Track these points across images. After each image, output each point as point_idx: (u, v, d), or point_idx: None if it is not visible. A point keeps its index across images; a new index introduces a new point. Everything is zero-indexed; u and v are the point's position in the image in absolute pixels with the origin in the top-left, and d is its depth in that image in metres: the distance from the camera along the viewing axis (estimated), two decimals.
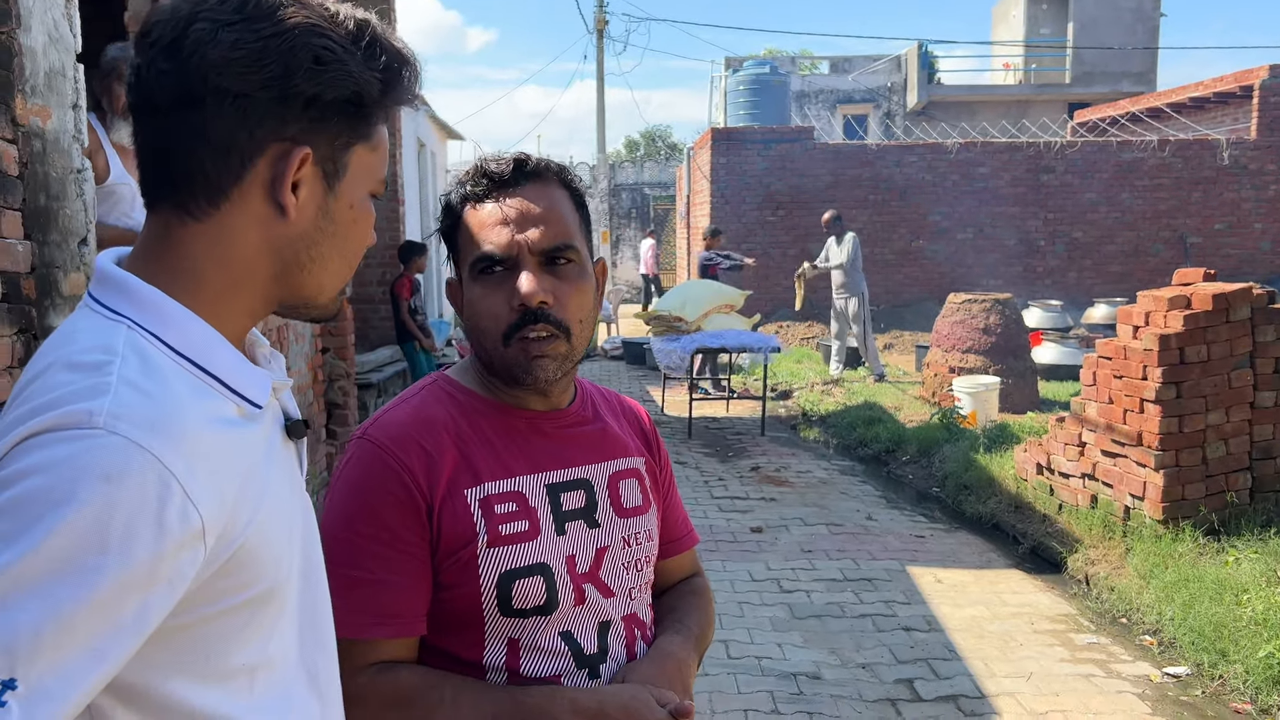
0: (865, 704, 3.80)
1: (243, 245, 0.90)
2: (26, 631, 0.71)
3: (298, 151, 0.89)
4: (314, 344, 6.45)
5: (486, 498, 1.23)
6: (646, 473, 1.41)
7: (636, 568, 1.34)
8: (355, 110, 0.92)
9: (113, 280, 0.88)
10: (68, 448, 0.74)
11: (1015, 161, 15.40)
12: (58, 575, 0.72)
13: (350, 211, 0.95)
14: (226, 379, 0.89)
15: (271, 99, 0.87)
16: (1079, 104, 22.45)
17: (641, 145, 42.57)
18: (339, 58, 0.89)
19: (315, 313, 1.00)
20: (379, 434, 1.24)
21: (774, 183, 15.34)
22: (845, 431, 8.74)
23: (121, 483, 0.75)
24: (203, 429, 0.83)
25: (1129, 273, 15.22)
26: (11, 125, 2.52)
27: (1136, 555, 4.96)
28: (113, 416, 0.76)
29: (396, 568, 1.18)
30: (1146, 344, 5.14)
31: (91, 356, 0.81)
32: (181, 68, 0.86)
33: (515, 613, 1.22)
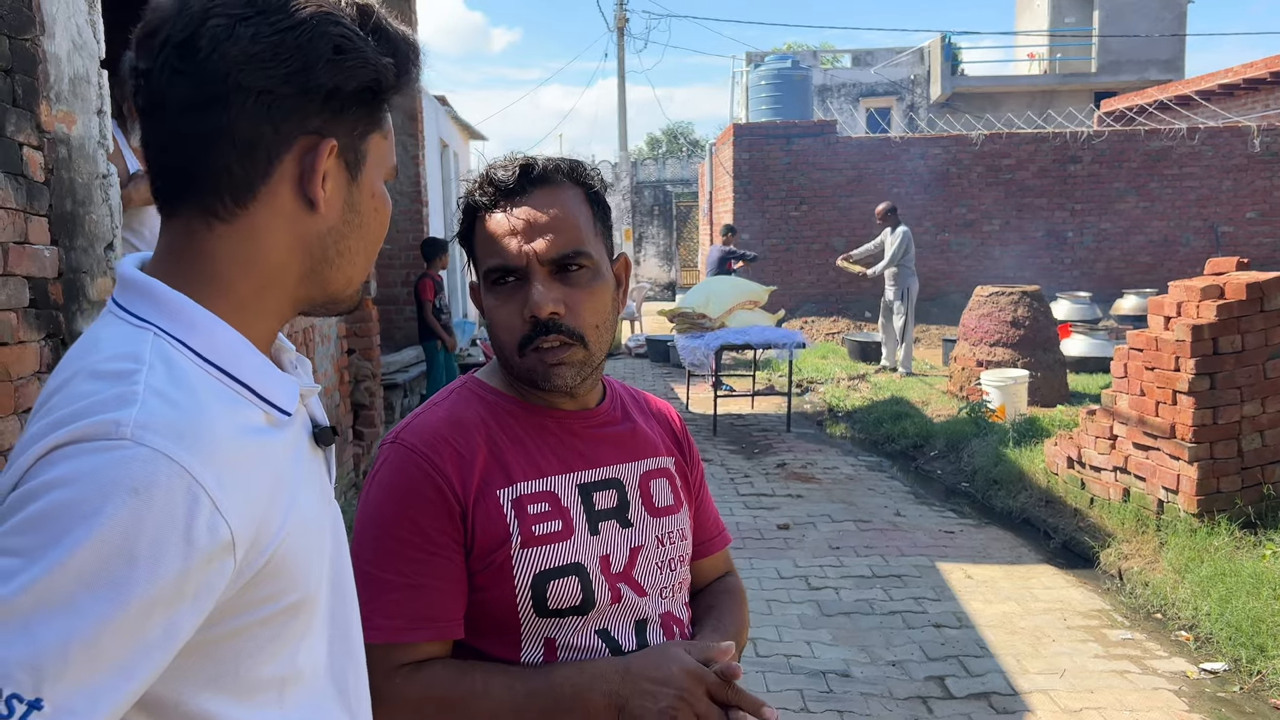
0: (896, 701, 3.76)
1: (272, 245, 0.89)
2: (53, 649, 0.69)
3: (326, 144, 0.87)
4: (340, 345, 6.48)
5: (519, 498, 1.22)
6: (677, 472, 1.41)
7: (670, 567, 1.34)
8: (372, 98, 0.91)
9: (137, 286, 0.87)
10: (94, 460, 0.73)
11: (1041, 152, 15.23)
12: (85, 591, 0.70)
13: (372, 200, 0.95)
14: (255, 386, 0.87)
15: (295, 93, 0.85)
16: (1106, 93, 22.17)
17: (664, 142, 42.55)
18: (356, 46, 0.87)
19: (341, 307, 0.99)
20: (411, 438, 1.23)
21: (797, 177, 15.27)
22: (872, 427, 8.68)
23: (149, 495, 0.73)
24: (231, 438, 0.81)
25: (1159, 263, 15.03)
26: (37, 131, 2.54)
27: (1171, 549, 4.89)
28: (140, 427, 0.75)
29: (432, 571, 1.18)
30: (1179, 335, 5.06)
31: (118, 365, 0.80)
32: (199, 68, 0.83)
33: (551, 613, 1.21)
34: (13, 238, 2.40)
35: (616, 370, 13.27)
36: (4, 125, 2.38)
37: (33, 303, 2.49)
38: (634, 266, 23.58)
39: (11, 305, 2.40)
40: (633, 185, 25.06)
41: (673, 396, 11.04)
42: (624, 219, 23.51)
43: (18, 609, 0.68)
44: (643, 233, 26.31)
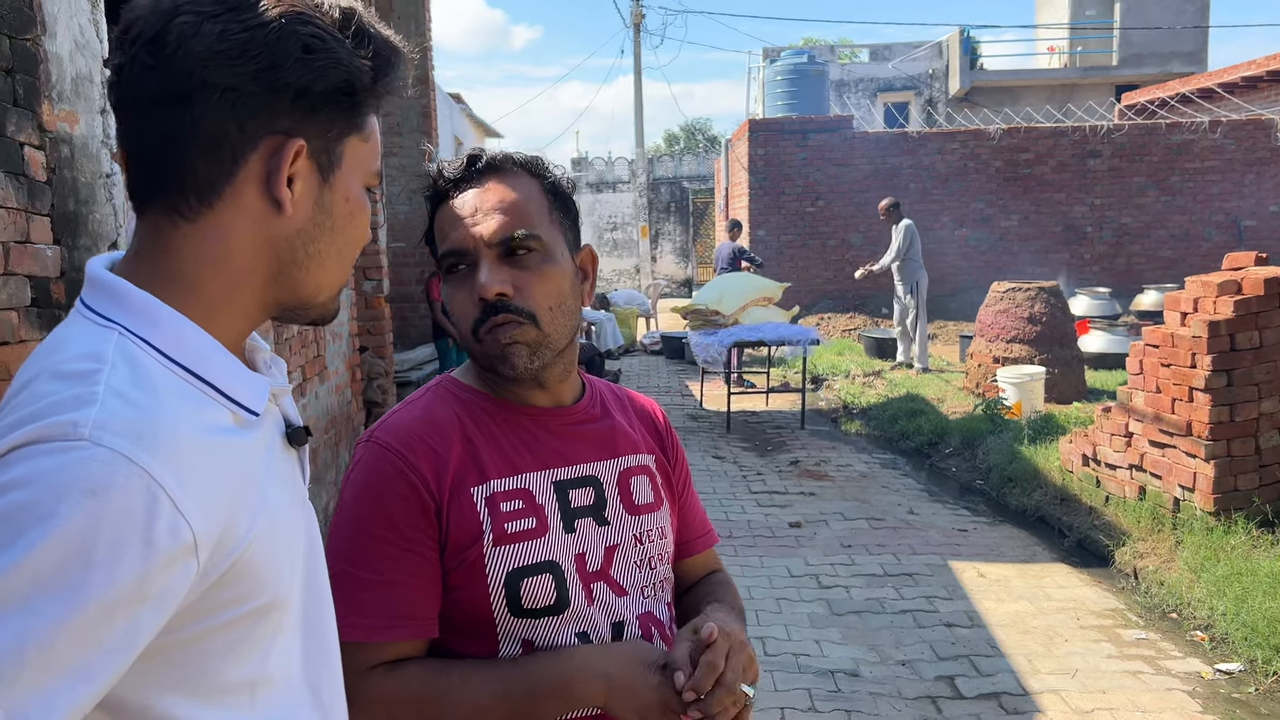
0: (905, 701, 3.73)
1: (238, 244, 0.87)
2: (8, 652, 0.68)
3: (292, 144, 0.86)
4: (352, 343, 6.50)
5: (492, 495, 1.21)
6: (658, 470, 1.39)
7: (650, 565, 1.32)
8: (347, 100, 0.89)
9: (103, 285, 0.86)
10: (51, 460, 0.72)
11: (1061, 146, 15.10)
12: (41, 593, 0.69)
13: (346, 204, 0.93)
14: (222, 386, 0.86)
15: (261, 91, 0.84)
16: (1127, 86, 21.95)
17: (681, 139, 42.50)
18: (328, 46, 0.86)
19: (314, 314, 0.97)
20: (386, 436, 1.23)
21: (813, 173, 15.20)
22: (887, 424, 8.63)
23: (107, 497, 0.72)
24: (194, 438, 0.80)
25: (1180, 258, 14.87)
26: (39, 131, 2.55)
27: (1187, 548, 4.83)
28: (99, 428, 0.73)
29: (407, 569, 1.17)
30: (1195, 331, 4.99)
31: (79, 365, 0.79)
32: (166, 63, 0.82)
33: (526, 613, 1.20)
34: (14, 237, 2.41)
35: (632, 367, 13.27)
36: (5, 125, 2.39)
37: (34, 301, 2.50)
38: (650, 263, 23.62)
39: (13, 304, 2.41)
40: (649, 182, 25.04)
41: (686, 394, 11.02)
42: (640, 216, 23.50)
43: None
44: (659, 229, 26.28)
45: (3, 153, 2.38)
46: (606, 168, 26.54)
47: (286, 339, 4.82)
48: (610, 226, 26.40)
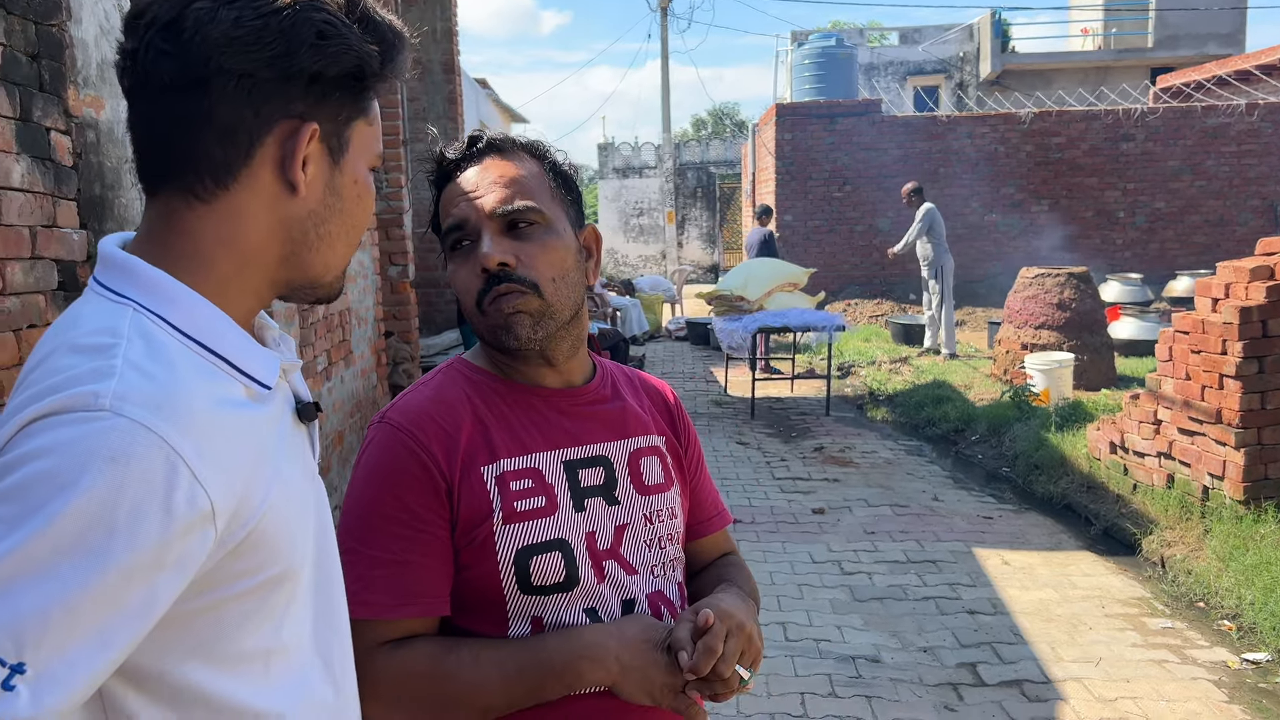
0: (926, 688, 3.72)
1: (252, 226, 0.90)
2: (33, 616, 0.70)
3: (307, 128, 0.88)
4: (377, 328, 6.54)
5: (502, 474, 1.22)
6: (669, 451, 1.40)
7: (659, 545, 1.33)
8: (356, 85, 0.92)
9: (117, 264, 0.88)
10: (73, 430, 0.74)
11: (1093, 130, 14.87)
12: (64, 559, 0.72)
13: (355, 186, 0.96)
14: (234, 360, 0.88)
15: (276, 77, 0.86)
16: (1162, 69, 21.56)
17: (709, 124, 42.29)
18: (340, 32, 0.88)
19: (321, 292, 0.99)
20: (398, 417, 1.24)
21: (840, 158, 15.08)
22: (913, 411, 8.58)
23: (128, 465, 0.74)
24: (211, 410, 0.82)
25: (1215, 243, 14.63)
26: (64, 116, 2.58)
27: (1215, 537, 4.77)
28: (118, 398, 0.75)
29: (418, 548, 1.18)
30: (1226, 317, 4.91)
31: (96, 339, 0.81)
32: (182, 49, 0.84)
33: (536, 590, 1.21)
34: (41, 221, 2.44)
35: (657, 353, 13.26)
36: (31, 110, 2.42)
37: (61, 285, 2.54)
38: (676, 249, 23.56)
39: (40, 288, 2.45)
40: (676, 167, 24.95)
41: (711, 380, 11.01)
42: (667, 201, 23.42)
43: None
44: (685, 215, 26.21)
45: (29, 138, 2.41)
46: (633, 153, 26.47)
47: (312, 323, 4.86)
48: (636, 212, 26.35)
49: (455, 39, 9.18)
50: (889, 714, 3.53)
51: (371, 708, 1.16)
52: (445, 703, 1.17)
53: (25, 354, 2.37)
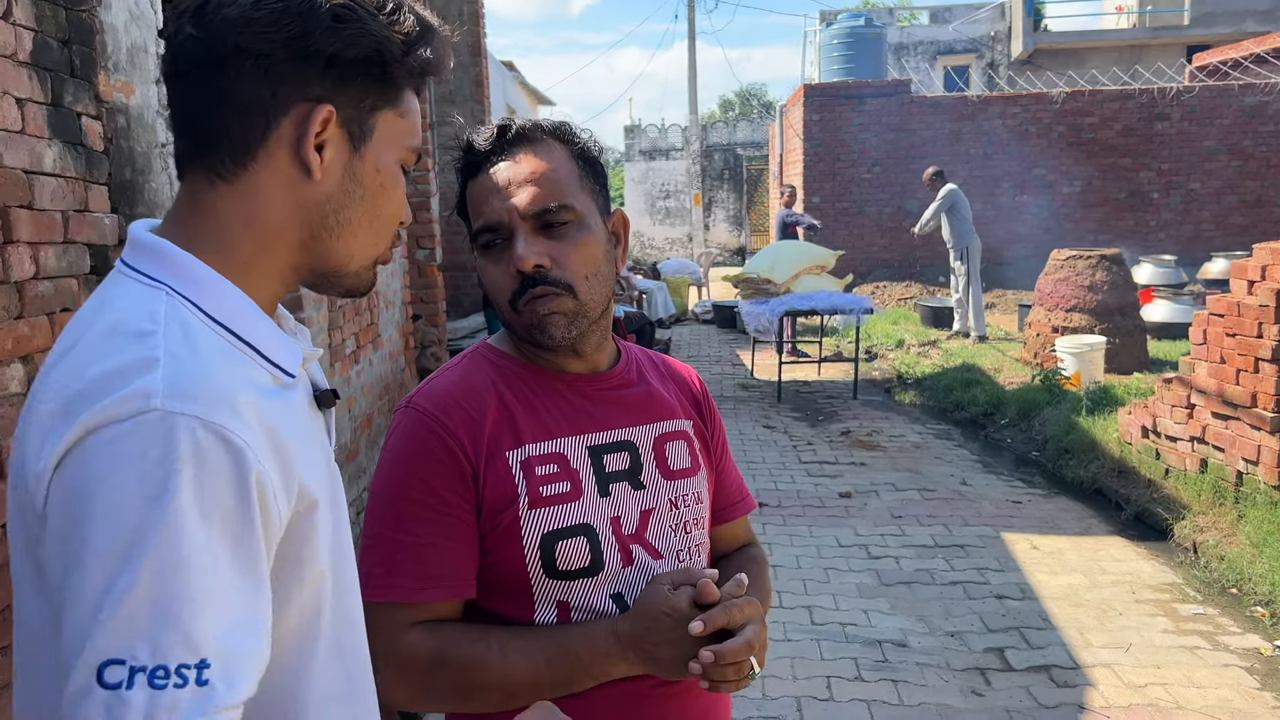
0: (953, 673, 3.71)
1: (271, 206, 0.91)
2: (184, 617, 0.73)
3: (320, 110, 0.89)
4: (405, 311, 6.57)
5: (527, 459, 1.23)
6: (695, 435, 1.40)
7: (685, 530, 1.33)
8: (378, 71, 0.92)
9: (147, 246, 0.89)
10: (138, 440, 0.75)
11: (1127, 110, 14.63)
12: (182, 560, 0.74)
13: (378, 175, 0.95)
14: (260, 347, 0.90)
15: (292, 57, 0.88)
16: (1199, 46, 21.13)
17: (736, 105, 42.02)
18: (358, 16, 0.89)
19: (347, 283, 0.99)
20: (424, 401, 1.24)
21: (869, 139, 14.94)
22: (942, 394, 8.52)
23: (201, 461, 0.76)
24: (250, 397, 0.83)
25: (1252, 224, 14.36)
26: (95, 101, 2.60)
27: (1249, 522, 4.71)
28: (170, 394, 0.77)
29: (444, 531, 1.19)
30: (1263, 299, 4.83)
31: (136, 325, 0.82)
32: (206, 30, 0.87)
33: (561, 574, 1.21)
34: (73, 206, 2.47)
35: (683, 336, 13.24)
36: (62, 95, 2.44)
37: (94, 269, 2.56)
38: (703, 232, 23.47)
39: (73, 272, 2.47)
40: (702, 149, 24.83)
41: (738, 363, 10.98)
42: (693, 183, 23.31)
43: (141, 597, 0.72)
44: (712, 197, 26.09)
45: (61, 123, 2.43)
46: (660, 135, 26.37)
47: (340, 306, 4.89)
48: (663, 194, 26.27)
49: (482, 21, 9.17)
50: (915, 698, 3.52)
51: (397, 692, 1.17)
52: (471, 690, 1.18)
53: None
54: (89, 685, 0.70)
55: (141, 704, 0.70)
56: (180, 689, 0.71)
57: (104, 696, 0.70)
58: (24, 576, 0.83)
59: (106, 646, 0.70)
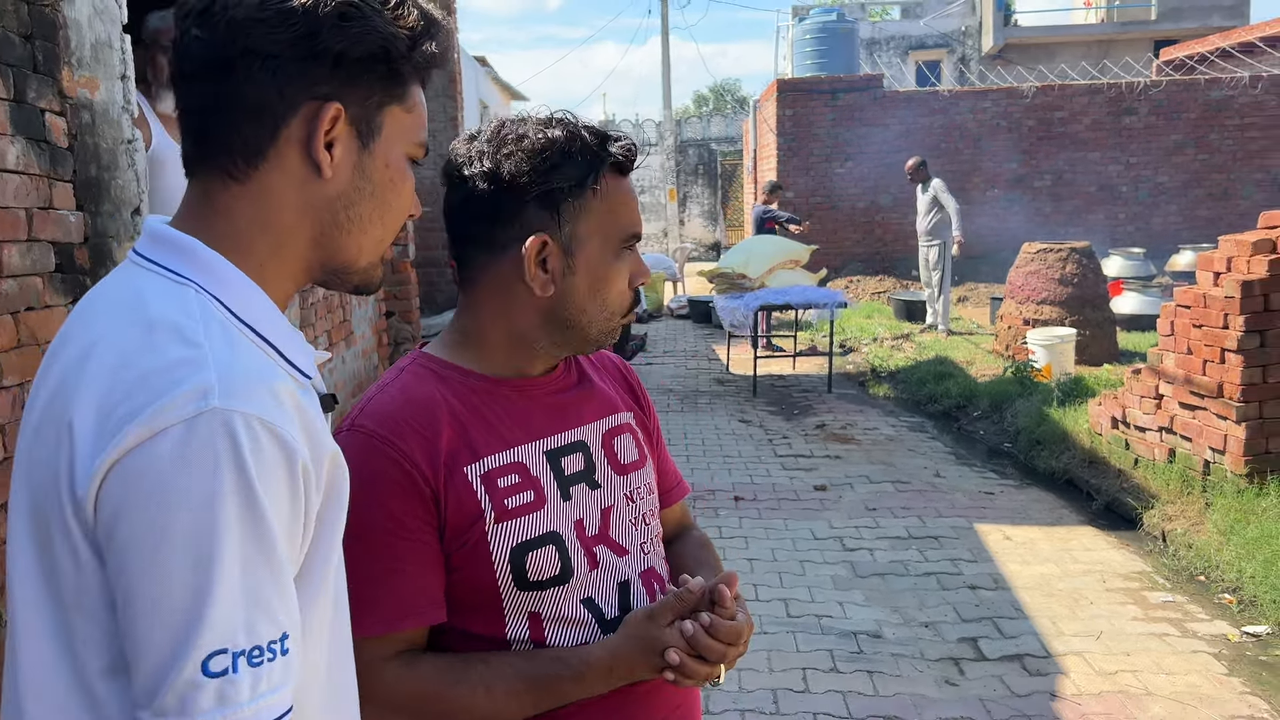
0: (927, 663, 3.74)
1: (282, 205, 0.92)
2: (263, 598, 0.78)
3: (329, 108, 0.90)
4: (378, 308, 6.54)
5: (488, 473, 1.20)
6: (638, 426, 1.40)
7: (644, 521, 1.34)
8: (384, 67, 0.93)
9: (172, 242, 0.90)
10: (202, 439, 0.77)
11: (1095, 104, 14.79)
12: (251, 555, 0.78)
13: (387, 171, 0.96)
14: (282, 348, 0.91)
15: (300, 57, 0.88)
16: (1166, 41, 21.39)
17: (710, 100, 42.07)
18: (364, 14, 0.90)
19: (357, 279, 1.00)
20: (370, 423, 1.18)
21: (842, 133, 15.01)
22: (915, 387, 8.58)
23: (261, 456, 0.78)
24: (289, 392, 0.86)
25: (1218, 217, 14.57)
26: (59, 98, 2.57)
27: (1217, 511, 4.78)
28: (224, 393, 0.78)
29: (411, 557, 1.15)
30: (1228, 291, 4.90)
31: (175, 321, 0.83)
32: (212, 32, 0.88)
33: (533, 585, 1.19)
34: (37, 203, 2.44)
35: (659, 331, 13.25)
36: (25, 91, 2.41)
37: (59, 267, 2.54)
38: (678, 227, 23.48)
39: (37, 270, 2.44)
40: (677, 144, 24.84)
41: (713, 357, 11.01)
42: (668, 179, 23.34)
43: (235, 589, 0.77)
44: (687, 192, 26.11)
45: (24, 119, 2.40)
46: (634, 130, 26.32)
47: (312, 303, 4.86)
48: (638, 190, 26.15)
49: (454, 17, 9.13)
50: (890, 688, 3.55)
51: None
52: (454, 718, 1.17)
53: (24, 336, 2.37)
54: (195, 678, 0.75)
55: (247, 682, 0.76)
56: (272, 662, 0.78)
57: (215, 684, 0.75)
58: (26, 578, 0.83)
59: (210, 640, 0.75)
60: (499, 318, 1.25)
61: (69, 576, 0.80)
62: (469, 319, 1.26)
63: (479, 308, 1.26)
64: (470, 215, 1.22)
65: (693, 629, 1.16)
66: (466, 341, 1.29)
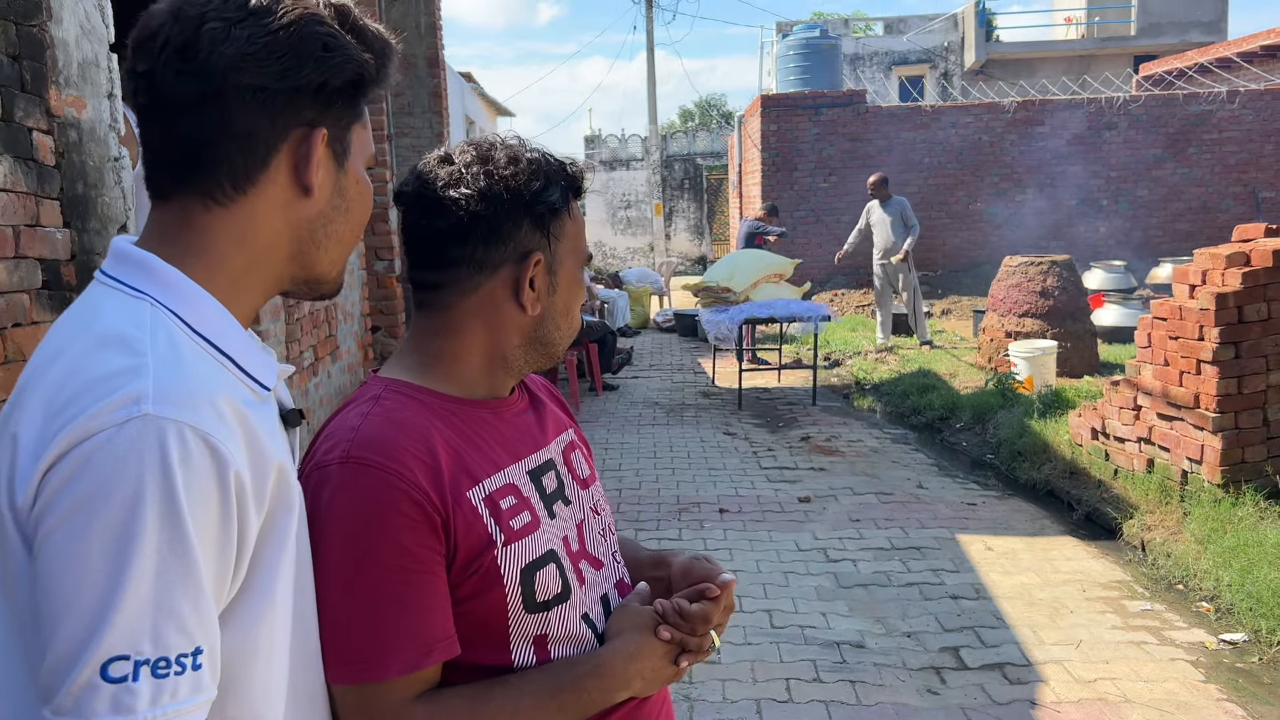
0: (909, 672, 3.77)
1: (264, 228, 0.95)
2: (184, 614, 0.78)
3: (318, 134, 0.94)
4: (364, 323, 6.56)
5: (489, 496, 1.17)
6: (580, 441, 1.43)
7: (611, 532, 1.37)
8: (356, 91, 0.98)
9: (133, 259, 0.92)
10: (131, 444, 0.78)
11: (1076, 119, 14.95)
12: (168, 564, 0.78)
13: (357, 185, 1.02)
14: (239, 360, 0.93)
15: (288, 88, 0.92)
16: (1145, 57, 21.67)
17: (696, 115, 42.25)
18: (342, 44, 0.94)
19: (324, 289, 1.04)
20: (367, 453, 1.10)
21: (825, 148, 15.12)
22: (898, 400, 8.64)
23: (190, 465, 0.79)
24: (230, 406, 0.86)
25: (1197, 230, 14.73)
26: (46, 116, 2.59)
27: (1194, 520, 4.84)
28: (159, 400, 0.80)
29: (426, 592, 1.10)
30: (1203, 303, 4.98)
31: (122, 331, 0.85)
32: (200, 68, 0.89)
33: (540, 606, 1.18)
34: (24, 220, 2.46)
35: (645, 345, 13.29)
36: (13, 110, 2.44)
37: (45, 284, 2.56)
38: (664, 241, 23.56)
39: (24, 286, 2.46)
40: (663, 159, 24.95)
41: (699, 371, 11.05)
42: (654, 193, 23.42)
43: (143, 595, 0.76)
44: (673, 207, 26.21)
45: (11, 138, 2.42)
46: (620, 145, 26.45)
47: (299, 319, 4.88)
48: (624, 204, 26.35)
49: (439, 33, 9.18)
50: (873, 698, 3.58)
51: None
52: None
53: (11, 353, 2.39)
54: (93, 680, 0.74)
55: (147, 692, 0.75)
56: (179, 676, 0.77)
57: (111, 690, 0.74)
58: None
59: (112, 644, 0.75)
60: (480, 338, 1.23)
61: (19, 588, 0.81)
62: (443, 341, 1.23)
63: (456, 330, 1.23)
64: (457, 236, 1.19)
65: (665, 604, 1.22)
66: (437, 364, 1.24)
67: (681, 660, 1.21)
